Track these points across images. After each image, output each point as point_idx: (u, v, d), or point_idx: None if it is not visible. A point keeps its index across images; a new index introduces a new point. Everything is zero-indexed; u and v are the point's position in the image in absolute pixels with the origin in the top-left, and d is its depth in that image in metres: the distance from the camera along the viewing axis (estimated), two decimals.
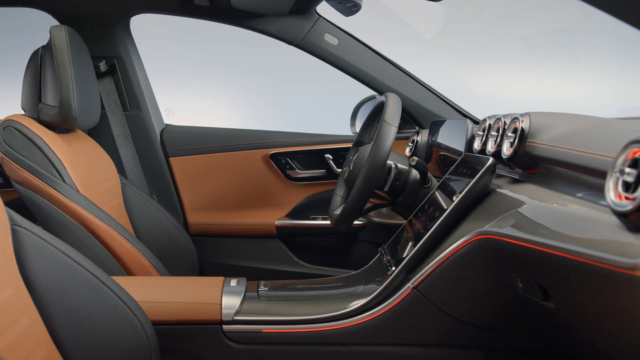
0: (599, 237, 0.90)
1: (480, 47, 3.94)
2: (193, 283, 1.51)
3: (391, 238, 1.70)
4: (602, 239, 0.88)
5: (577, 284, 0.97)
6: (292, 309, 1.40)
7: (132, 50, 2.31)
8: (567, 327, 1.10)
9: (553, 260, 0.98)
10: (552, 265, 1.01)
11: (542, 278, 1.07)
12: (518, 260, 1.13)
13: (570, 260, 0.93)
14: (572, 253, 0.93)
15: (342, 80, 2.29)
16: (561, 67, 3.79)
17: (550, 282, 1.05)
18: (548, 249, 1.00)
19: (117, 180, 2.03)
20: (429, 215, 1.46)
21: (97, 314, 1.18)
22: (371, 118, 1.86)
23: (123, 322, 1.20)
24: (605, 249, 0.84)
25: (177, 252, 2.07)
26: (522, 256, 1.10)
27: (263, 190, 2.38)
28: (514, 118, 1.37)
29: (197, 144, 2.37)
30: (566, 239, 0.97)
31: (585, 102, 3.48)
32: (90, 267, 1.20)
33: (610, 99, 3.43)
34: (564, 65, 3.80)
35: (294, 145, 2.35)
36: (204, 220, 2.37)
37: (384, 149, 1.49)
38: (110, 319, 1.19)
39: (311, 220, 2.34)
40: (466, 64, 3.89)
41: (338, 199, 1.87)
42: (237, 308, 1.39)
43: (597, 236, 0.91)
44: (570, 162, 1.11)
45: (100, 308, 1.18)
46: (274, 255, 2.34)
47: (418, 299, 1.35)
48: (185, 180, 2.37)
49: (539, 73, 3.78)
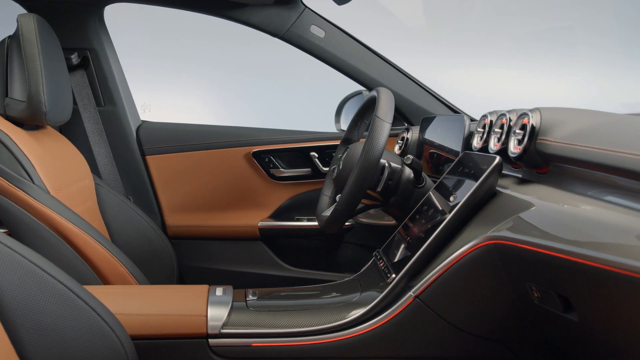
0: (631, 242, 0.82)
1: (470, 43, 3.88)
2: (175, 293, 1.40)
3: (386, 242, 1.61)
4: (633, 245, 0.80)
5: (606, 295, 0.88)
6: (284, 320, 1.30)
7: (106, 41, 2.20)
8: (591, 341, 1.01)
9: (578, 269, 0.90)
10: (577, 274, 0.92)
11: (564, 288, 0.98)
12: (535, 268, 1.04)
13: (598, 269, 0.85)
14: (600, 261, 0.84)
15: (323, 78, 2.22)
16: (550, 64, 3.74)
17: (574, 292, 0.96)
18: (572, 257, 0.91)
19: (90, 180, 1.91)
20: (429, 218, 1.37)
21: (70, 330, 1.06)
22: (360, 114, 1.78)
23: (99, 338, 1.09)
24: (638, 256, 0.77)
25: (155, 256, 1.96)
26: (540, 264, 1.01)
27: (245, 190, 2.29)
28: (521, 114, 1.28)
29: (176, 142, 2.27)
30: (592, 246, 0.88)
31: (580, 99, 3.44)
32: (62, 277, 1.09)
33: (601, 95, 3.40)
34: (553, 62, 3.76)
35: (278, 142, 2.26)
36: (183, 222, 2.28)
37: (377, 146, 1.41)
38: (84, 334, 1.08)
39: (296, 221, 2.26)
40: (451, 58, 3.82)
41: (326, 199, 1.79)
42: (225, 320, 1.29)
43: (628, 242, 0.83)
44: (591, 161, 1.03)
45: (74, 323, 1.07)
46: (257, 259, 2.26)
47: (421, 308, 1.25)
48: (163, 180, 2.28)
49: (529, 70, 3.73)
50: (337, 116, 2.43)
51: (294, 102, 4.05)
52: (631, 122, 1.16)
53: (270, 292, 1.48)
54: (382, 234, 2.22)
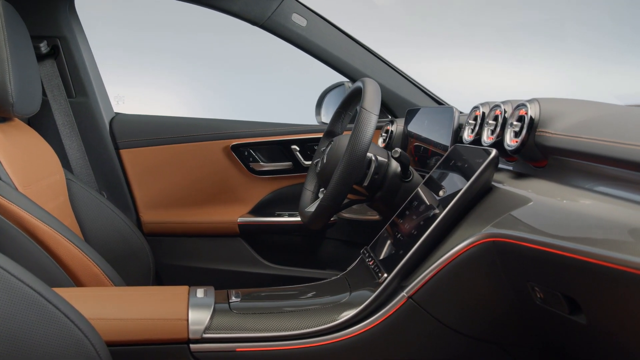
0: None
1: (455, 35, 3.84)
2: (154, 295, 1.32)
3: (372, 238, 1.55)
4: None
5: (619, 296, 0.83)
6: (269, 323, 1.23)
7: (77, 30, 2.11)
8: (599, 345, 0.96)
9: (588, 268, 0.84)
10: (587, 274, 0.87)
11: (572, 289, 0.93)
12: (539, 267, 0.99)
13: (611, 269, 0.80)
14: (613, 261, 0.79)
15: (302, 70, 2.17)
16: (539, 57, 3.73)
17: (583, 294, 0.91)
18: (581, 256, 0.86)
19: (61, 175, 1.82)
20: (421, 215, 1.31)
21: (40, 338, 0.98)
22: (344, 106, 1.73)
23: (72, 346, 1.01)
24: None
25: (130, 254, 1.88)
26: (544, 263, 0.96)
27: (224, 185, 2.22)
28: (518, 105, 1.22)
29: (151, 135, 2.19)
30: (602, 244, 0.83)
31: (572, 93, 3.43)
32: (30, 280, 1.01)
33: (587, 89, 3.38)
34: (542, 55, 3.74)
35: (258, 135, 2.19)
36: (159, 218, 2.20)
37: (364, 139, 1.36)
38: (55, 342, 1.00)
39: (277, 217, 2.20)
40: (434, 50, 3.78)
41: (309, 194, 1.73)
42: (207, 324, 1.21)
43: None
44: (596, 153, 0.97)
45: (43, 330, 0.99)
46: (237, 256, 2.19)
47: (414, 309, 1.19)
48: (138, 174, 2.20)
49: (513, 63, 3.70)
50: (318, 108, 2.38)
51: (271, 95, 3.98)
52: (634, 113, 1.12)
53: (255, 292, 1.41)
54: (366, 230, 2.19)
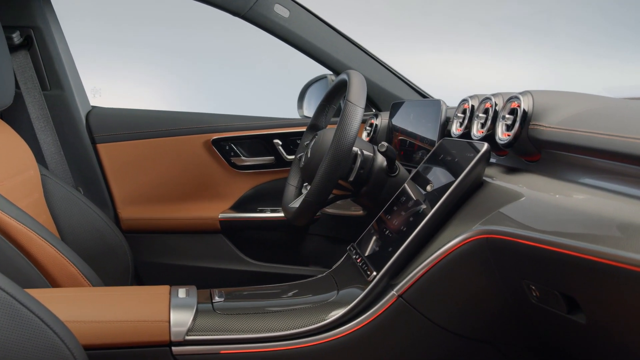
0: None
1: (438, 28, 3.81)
2: (133, 295, 1.27)
3: (357, 234, 1.51)
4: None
5: (620, 295, 0.80)
6: (255, 323, 1.19)
7: (52, 20, 2.03)
8: (599, 344, 0.93)
9: (588, 266, 0.81)
10: (585, 272, 0.84)
11: (570, 288, 0.90)
12: (534, 265, 0.96)
13: (610, 266, 0.77)
14: (610, 258, 0.76)
15: (282, 65, 2.13)
16: (527, 51, 3.72)
17: (583, 293, 0.88)
18: (578, 253, 0.83)
19: (35, 170, 1.76)
20: (410, 211, 1.27)
21: (12, 343, 0.93)
22: (328, 99, 1.69)
23: (46, 351, 0.96)
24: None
25: (108, 252, 1.83)
26: (541, 261, 0.93)
27: (204, 180, 2.17)
28: (510, 97, 1.19)
29: (129, 129, 2.13)
30: (599, 240, 0.80)
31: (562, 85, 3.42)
32: (2, 281, 0.95)
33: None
34: (530, 49, 3.73)
35: (239, 129, 2.14)
36: (137, 215, 2.14)
37: (349, 133, 1.33)
38: (29, 347, 0.94)
39: (259, 212, 2.14)
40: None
41: (292, 189, 1.70)
42: (189, 325, 1.17)
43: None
44: (593, 147, 0.95)
45: (16, 335, 0.93)
46: (218, 253, 2.14)
47: (404, 308, 1.16)
48: (116, 169, 2.13)
49: (501, 58, 3.69)
50: (300, 102, 2.34)
51: (251, 89, 3.93)
52: (630, 106, 1.09)
53: (239, 291, 1.37)
54: (350, 225, 2.15)
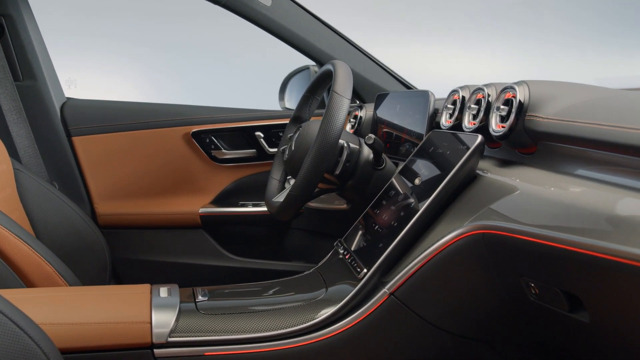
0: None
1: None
2: (112, 295, 1.21)
3: (341, 228, 1.49)
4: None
5: (624, 292, 0.77)
6: (241, 323, 1.14)
7: (24, 8, 1.97)
8: (602, 343, 0.90)
9: (589, 262, 0.78)
10: (588, 269, 0.81)
11: (573, 285, 0.86)
12: (534, 261, 0.92)
13: (614, 262, 0.74)
14: (614, 254, 0.73)
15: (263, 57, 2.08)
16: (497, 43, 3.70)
17: (586, 290, 0.85)
18: (581, 249, 0.79)
19: (8, 165, 1.69)
20: (400, 205, 1.23)
21: None
22: (312, 90, 1.65)
23: (20, 356, 0.90)
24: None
25: (85, 249, 1.76)
26: (540, 257, 0.89)
27: (184, 174, 2.12)
28: (505, 88, 1.15)
29: (106, 121, 2.07)
30: (603, 235, 0.77)
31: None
32: None
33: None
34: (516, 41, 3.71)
35: (220, 121, 2.09)
36: (115, 210, 2.08)
37: (336, 125, 1.29)
38: (1, 353, 0.89)
39: (240, 207, 2.11)
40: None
41: (275, 183, 1.66)
42: (172, 326, 1.11)
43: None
44: (593, 138, 0.91)
45: None
46: (199, 249, 2.09)
47: (396, 307, 1.12)
48: (92, 163, 2.08)
49: (487, 50, 3.67)
50: (281, 93, 2.30)
51: (231, 81, 3.87)
52: (628, 97, 1.06)
53: (223, 290, 1.32)
54: (333, 219, 2.12)
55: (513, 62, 3.60)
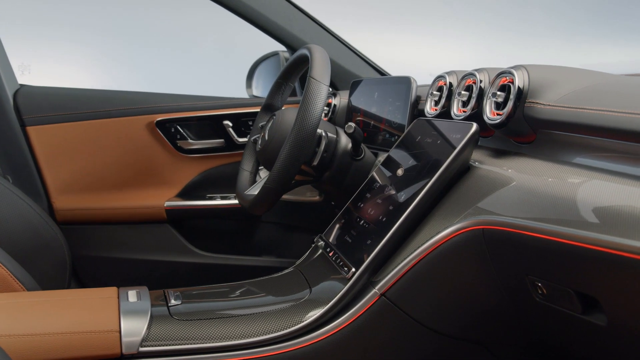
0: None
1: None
2: (76, 301, 1.11)
3: (320, 221, 1.45)
4: None
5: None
6: (219, 329, 1.05)
7: None
8: (619, 348, 0.83)
9: (607, 261, 0.72)
10: (607, 268, 0.74)
11: (589, 286, 0.80)
12: (542, 260, 0.86)
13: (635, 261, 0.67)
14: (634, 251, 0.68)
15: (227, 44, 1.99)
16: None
17: (605, 292, 0.78)
18: (598, 246, 0.73)
19: None
20: (387, 199, 1.16)
21: None
22: (285, 76, 1.59)
23: None
24: None
25: (42, 248, 1.66)
26: (550, 255, 0.83)
27: (148, 165, 2.02)
28: (500, 73, 1.08)
29: (63, 109, 1.96)
30: (622, 231, 0.71)
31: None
32: None
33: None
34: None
35: (186, 110, 2.00)
36: (74, 204, 1.98)
37: (314, 113, 1.24)
38: None
39: (208, 200, 2.02)
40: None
41: (247, 175, 1.59)
42: (144, 334, 1.02)
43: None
44: (605, 126, 0.85)
45: None
46: (165, 244, 2.00)
47: (387, 308, 1.05)
48: (49, 155, 1.96)
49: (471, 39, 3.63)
50: (249, 81, 2.23)
51: (194, 69, 3.76)
52: (632, 82, 1.01)
53: (197, 291, 1.22)
54: (305, 212, 2.06)
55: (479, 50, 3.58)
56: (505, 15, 3.77)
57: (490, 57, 3.54)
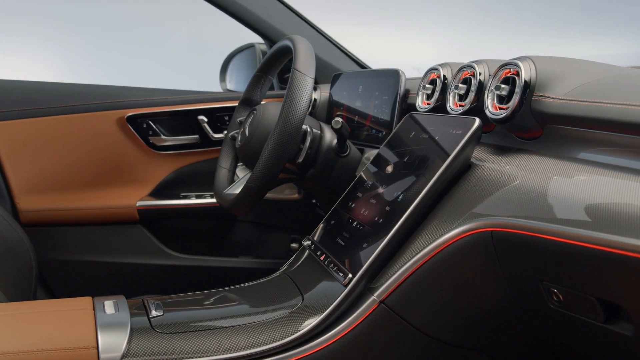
0: None
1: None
2: (47, 314, 1.02)
3: (310, 224, 1.36)
4: None
5: None
6: (207, 342, 0.97)
7: None
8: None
9: (637, 266, 0.67)
10: (636, 274, 0.69)
11: (614, 293, 0.74)
12: (561, 265, 0.80)
13: None
14: None
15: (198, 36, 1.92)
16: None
17: (632, 299, 0.72)
18: (626, 251, 0.67)
19: None
20: (382, 199, 1.09)
21: None
22: (264, 69, 1.54)
23: None
24: None
25: (6, 252, 1.57)
26: (570, 260, 0.77)
27: (119, 163, 1.95)
28: (504, 64, 1.02)
29: (26, 104, 1.88)
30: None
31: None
32: None
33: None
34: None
35: (158, 104, 1.92)
36: (40, 205, 1.89)
37: (300, 107, 1.21)
38: None
39: (182, 199, 1.96)
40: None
41: (225, 173, 1.54)
42: (124, 350, 0.93)
43: None
44: (624, 121, 0.80)
45: None
46: (138, 246, 1.93)
47: (387, 316, 0.98)
48: (12, 152, 1.88)
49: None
50: (223, 74, 2.17)
51: (165, 63, 3.67)
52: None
53: (179, 299, 1.14)
54: (283, 210, 2.00)
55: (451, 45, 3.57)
56: (494, 8, 3.77)
57: (477, 50, 3.53)
